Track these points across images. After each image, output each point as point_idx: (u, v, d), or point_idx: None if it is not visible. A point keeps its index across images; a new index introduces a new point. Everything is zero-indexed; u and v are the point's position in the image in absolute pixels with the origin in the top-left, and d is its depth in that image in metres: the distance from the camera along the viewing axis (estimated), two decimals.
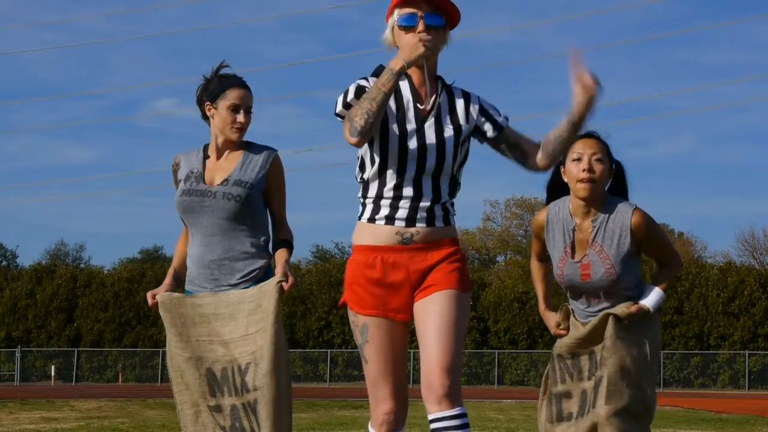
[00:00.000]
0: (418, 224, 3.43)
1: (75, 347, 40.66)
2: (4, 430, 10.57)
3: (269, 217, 4.16)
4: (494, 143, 3.56)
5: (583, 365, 4.14)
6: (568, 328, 4.21)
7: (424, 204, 3.43)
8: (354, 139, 3.33)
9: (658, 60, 74.94)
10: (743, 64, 71.34)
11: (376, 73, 3.45)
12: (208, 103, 4.08)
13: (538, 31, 79.03)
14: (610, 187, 4.18)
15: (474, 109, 3.53)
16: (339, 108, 3.46)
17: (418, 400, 3.40)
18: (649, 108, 71.03)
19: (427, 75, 3.46)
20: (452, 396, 3.30)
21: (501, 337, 38.69)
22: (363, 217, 3.51)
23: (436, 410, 3.29)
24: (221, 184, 4.01)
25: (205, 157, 4.13)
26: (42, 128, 78.64)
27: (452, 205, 3.52)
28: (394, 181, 3.42)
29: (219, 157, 4.10)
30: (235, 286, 3.99)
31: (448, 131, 3.45)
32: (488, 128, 3.53)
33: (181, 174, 4.13)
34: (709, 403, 19.99)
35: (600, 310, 4.11)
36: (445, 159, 3.43)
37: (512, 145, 3.54)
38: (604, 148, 4.10)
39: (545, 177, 4.27)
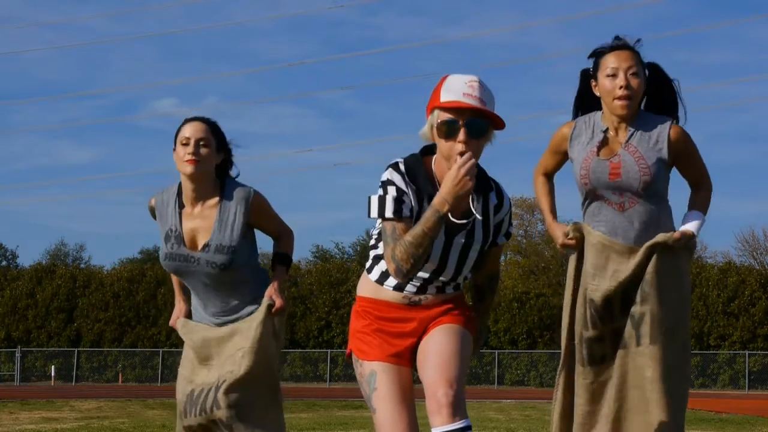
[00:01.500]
0: (428, 292, 3.40)
1: (75, 347, 40.65)
2: (4, 430, 10.57)
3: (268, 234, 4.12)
4: None
5: (615, 306, 3.82)
6: (576, 240, 3.90)
7: (435, 285, 3.40)
8: (399, 278, 3.26)
9: (658, 60, 74.71)
10: (743, 64, 71.35)
11: (411, 169, 3.27)
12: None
13: (539, 31, 79.07)
14: (654, 88, 3.92)
15: (498, 219, 3.41)
16: (374, 214, 3.27)
17: (418, 399, 3.38)
18: None
19: (470, 202, 3.29)
20: (456, 406, 3.17)
21: (501, 337, 38.69)
22: (371, 274, 3.45)
23: (438, 423, 3.16)
24: (202, 249, 3.91)
25: (180, 206, 3.98)
26: (42, 128, 78.65)
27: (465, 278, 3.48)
28: None
29: (194, 207, 3.96)
30: None
31: (474, 251, 3.35)
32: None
33: (159, 224, 4.02)
34: (709, 403, 19.98)
35: (625, 225, 3.83)
36: (462, 272, 3.38)
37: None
38: (639, 60, 3.85)
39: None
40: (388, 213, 3.22)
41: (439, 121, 3.20)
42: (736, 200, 75.18)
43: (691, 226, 3.87)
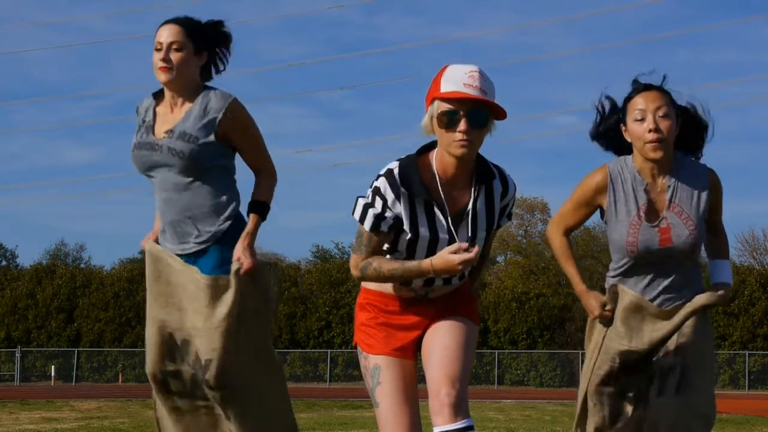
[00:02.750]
0: (434, 285, 3.40)
1: (75, 347, 40.66)
2: (4, 430, 10.57)
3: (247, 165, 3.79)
4: None
5: (640, 363, 3.71)
6: (613, 311, 3.73)
7: (442, 277, 3.39)
8: (357, 279, 3.41)
9: (658, 60, 74.96)
10: (743, 64, 71.34)
11: (405, 176, 3.24)
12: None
13: (539, 30, 79.04)
14: (686, 132, 3.73)
15: (503, 204, 3.40)
16: (356, 217, 3.32)
17: (422, 400, 3.39)
18: None
19: (469, 200, 3.31)
20: (459, 406, 3.20)
21: (501, 337, 38.70)
22: None
23: (441, 423, 3.18)
24: (166, 134, 3.64)
25: (159, 102, 3.76)
26: (42, 128, 78.59)
27: None
28: None
29: (173, 109, 3.72)
30: (192, 254, 3.68)
31: (480, 239, 3.34)
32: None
33: (138, 121, 3.80)
34: None
35: (662, 290, 3.67)
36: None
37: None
38: (669, 100, 3.64)
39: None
40: (367, 226, 3.28)
41: (439, 111, 3.19)
42: (736, 200, 75.18)
43: (726, 278, 3.79)
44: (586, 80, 72.20)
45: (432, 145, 3.33)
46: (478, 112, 3.17)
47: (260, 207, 3.71)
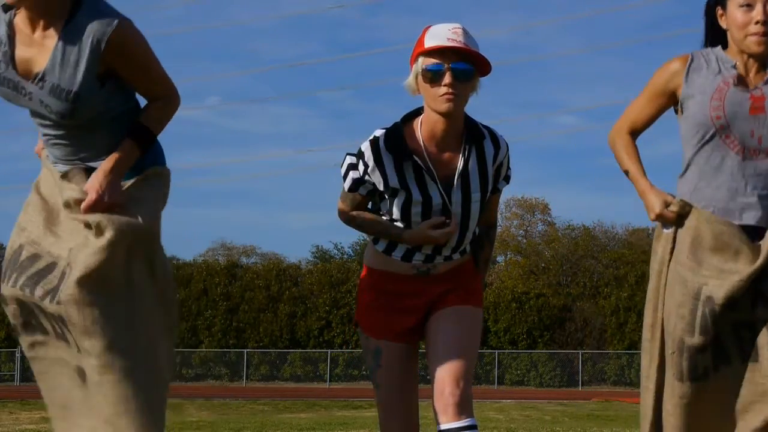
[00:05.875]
0: (435, 261, 3.38)
1: None
2: (4, 430, 10.57)
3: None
4: None
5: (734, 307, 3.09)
6: (675, 215, 3.15)
7: (443, 253, 3.37)
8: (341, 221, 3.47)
9: (658, 60, 74.55)
10: None
11: (390, 143, 3.24)
12: None
13: (538, 31, 79.08)
14: None
15: (497, 164, 3.35)
16: (341, 172, 3.36)
17: (422, 399, 3.41)
18: None
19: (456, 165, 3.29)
20: (463, 405, 3.22)
21: (501, 337, 38.72)
22: (378, 245, 3.43)
23: (445, 421, 3.20)
24: (35, 81, 2.86)
25: (11, 16, 2.88)
26: None
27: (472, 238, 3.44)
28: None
29: (33, 29, 2.87)
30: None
31: (476, 203, 3.32)
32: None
33: None
34: None
35: (750, 180, 3.12)
36: (469, 227, 3.35)
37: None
38: None
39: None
40: (346, 187, 3.36)
41: (423, 67, 3.20)
42: None
43: None
44: (586, 80, 72.31)
45: (417, 113, 3.34)
46: (462, 65, 3.17)
47: (142, 133, 2.95)
